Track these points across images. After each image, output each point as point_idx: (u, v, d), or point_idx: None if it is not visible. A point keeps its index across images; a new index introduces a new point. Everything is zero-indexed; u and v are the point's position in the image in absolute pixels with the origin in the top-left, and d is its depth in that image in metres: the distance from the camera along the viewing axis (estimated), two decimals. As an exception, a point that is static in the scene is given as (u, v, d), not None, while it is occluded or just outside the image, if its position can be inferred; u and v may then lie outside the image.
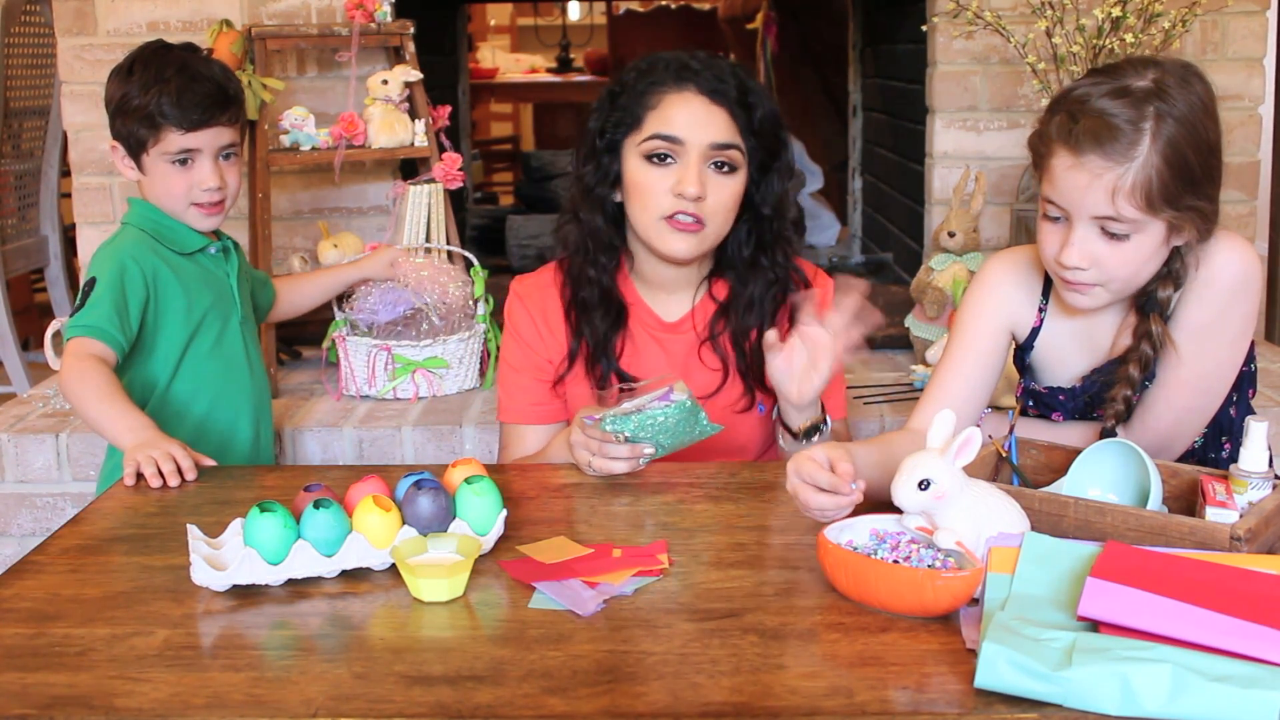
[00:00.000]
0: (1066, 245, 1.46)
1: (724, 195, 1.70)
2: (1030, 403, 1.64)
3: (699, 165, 1.67)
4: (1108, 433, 1.53)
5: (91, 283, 1.87)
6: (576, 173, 1.79)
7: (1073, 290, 1.50)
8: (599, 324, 1.77)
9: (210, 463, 1.68)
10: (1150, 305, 1.51)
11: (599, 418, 1.55)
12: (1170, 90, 1.43)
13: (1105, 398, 1.56)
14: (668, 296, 1.81)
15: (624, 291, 1.80)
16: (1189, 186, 1.43)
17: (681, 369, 1.78)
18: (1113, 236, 1.44)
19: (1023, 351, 1.64)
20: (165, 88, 1.89)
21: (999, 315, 1.62)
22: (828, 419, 1.69)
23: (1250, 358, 1.60)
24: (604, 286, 1.77)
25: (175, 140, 1.91)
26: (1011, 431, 1.47)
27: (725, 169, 1.69)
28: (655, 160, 1.69)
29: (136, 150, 1.94)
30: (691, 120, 1.68)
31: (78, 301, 1.88)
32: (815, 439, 1.66)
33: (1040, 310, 1.61)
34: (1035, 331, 1.62)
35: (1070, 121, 1.44)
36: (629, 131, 1.72)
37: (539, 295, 1.82)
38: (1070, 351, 1.61)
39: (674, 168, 1.68)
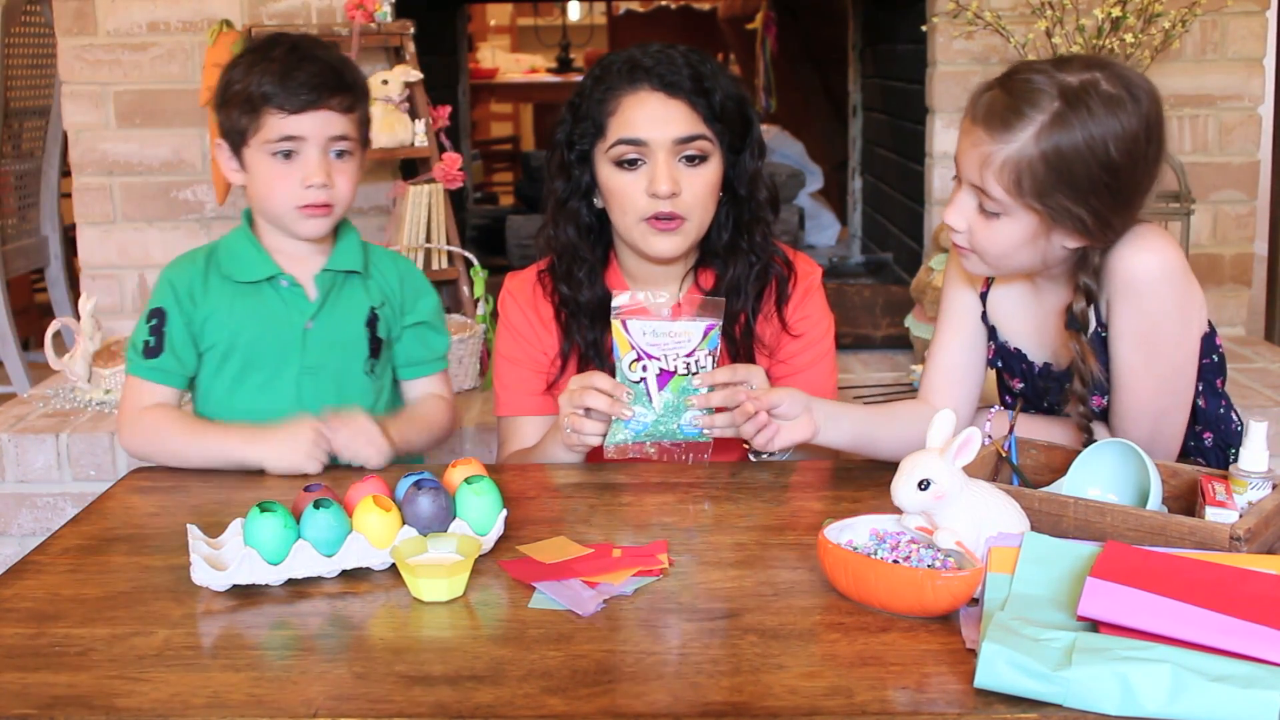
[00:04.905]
0: (950, 203, 1.52)
1: (698, 186, 1.69)
2: (999, 363, 1.69)
3: (668, 162, 1.67)
4: (1088, 442, 1.53)
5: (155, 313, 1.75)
6: (548, 187, 1.79)
7: (957, 250, 1.57)
8: (588, 330, 1.78)
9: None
10: (1071, 323, 1.53)
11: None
12: (1091, 100, 1.41)
13: (1062, 399, 1.59)
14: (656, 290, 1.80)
15: (612, 286, 1.80)
16: (1067, 190, 1.42)
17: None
18: (985, 211, 1.49)
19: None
20: (269, 67, 1.69)
21: (965, 284, 1.68)
22: None
23: (1213, 348, 1.60)
24: (586, 296, 1.77)
25: (276, 125, 1.68)
26: (1011, 431, 1.47)
27: (695, 160, 1.69)
28: (625, 165, 1.69)
29: (238, 144, 1.73)
30: (651, 119, 1.67)
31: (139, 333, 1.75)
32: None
33: (987, 279, 1.66)
34: (983, 296, 1.67)
35: (981, 91, 1.49)
36: (595, 140, 1.72)
37: (529, 292, 1.83)
38: (1019, 311, 1.64)
39: (644, 169, 1.68)
